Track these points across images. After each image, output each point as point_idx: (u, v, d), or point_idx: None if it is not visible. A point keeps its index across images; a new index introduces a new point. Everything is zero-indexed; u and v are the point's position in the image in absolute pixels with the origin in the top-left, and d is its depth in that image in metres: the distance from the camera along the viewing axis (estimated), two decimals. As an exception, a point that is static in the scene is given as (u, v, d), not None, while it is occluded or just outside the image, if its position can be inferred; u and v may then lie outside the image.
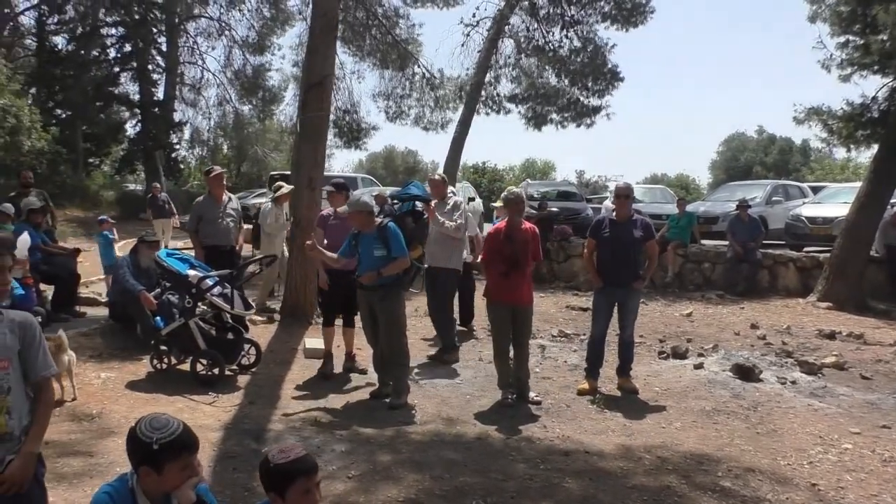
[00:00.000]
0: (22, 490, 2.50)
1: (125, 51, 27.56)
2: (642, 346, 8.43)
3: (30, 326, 2.59)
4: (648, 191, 19.75)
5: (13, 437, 2.51)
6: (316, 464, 2.46)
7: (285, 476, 2.37)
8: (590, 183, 49.00)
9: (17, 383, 2.54)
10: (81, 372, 6.35)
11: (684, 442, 5.26)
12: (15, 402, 2.52)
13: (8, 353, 2.51)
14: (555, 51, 17.36)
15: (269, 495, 2.43)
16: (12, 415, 2.50)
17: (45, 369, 2.63)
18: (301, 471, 2.38)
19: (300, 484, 2.36)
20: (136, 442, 2.33)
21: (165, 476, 2.33)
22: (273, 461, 2.40)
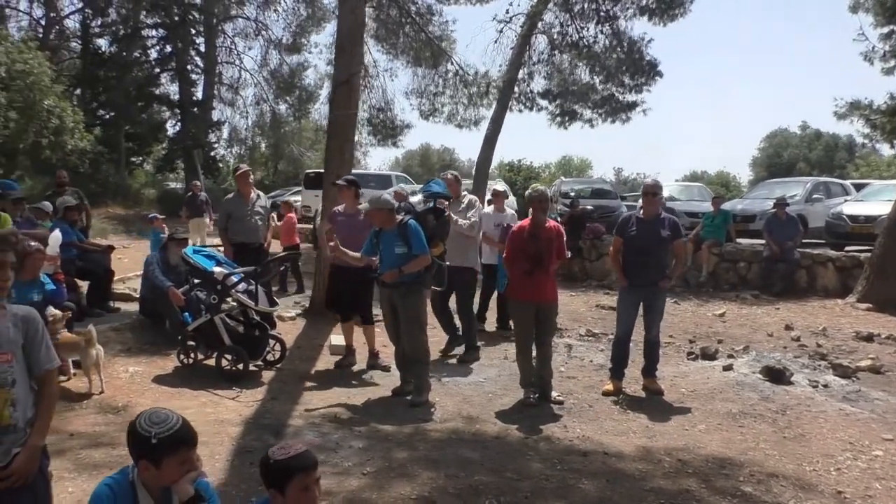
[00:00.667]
0: (27, 482, 2.55)
1: (165, 52, 28.19)
2: (671, 346, 8.30)
3: (33, 320, 2.63)
4: (685, 188, 19.42)
5: (17, 429, 2.55)
6: (315, 461, 2.46)
7: (284, 472, 2.39)
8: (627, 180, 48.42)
9: (21, 376, 2.57)
10: (110, 365, 6.50)
11: (707, 445, 5.15)
12: (19, 395, 2.56)
13: (11, 346, 2.54)
14: (589, 46, 17.17)
15: (269, 492, 2.45)
16: (17, 407, 2.54)
17: (48, 363, 2.67)
18: (299, 467, 2.40)
19: (299, 480, 2.38)
20: (136, 436, 2.36)
21: (164, 470, 2.36)
22: (272, 457, 2.42)
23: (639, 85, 18.09)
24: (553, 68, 17.81)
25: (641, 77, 17.90)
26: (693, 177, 51.39)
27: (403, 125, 22.53)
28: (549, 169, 50.53)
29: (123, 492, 2.40)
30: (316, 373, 6.94)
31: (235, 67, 30.18)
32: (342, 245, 6.91)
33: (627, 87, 18.09)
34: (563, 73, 17.84)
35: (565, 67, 17.77)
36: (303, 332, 8.44)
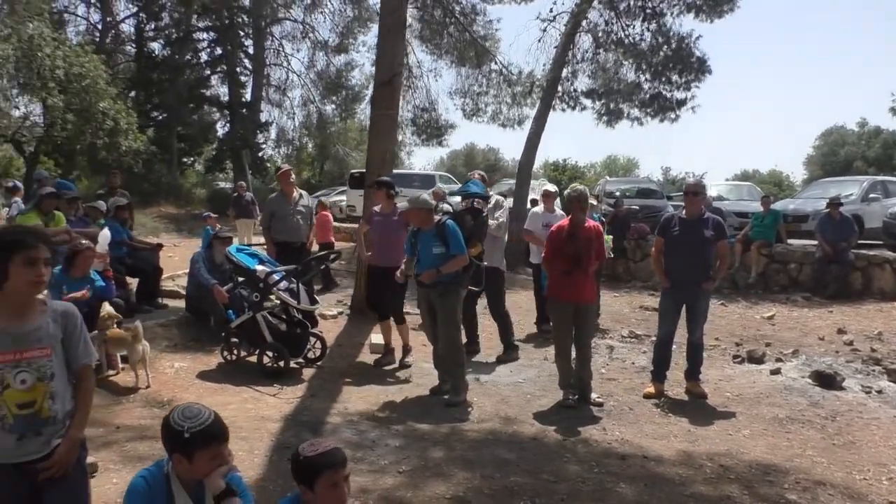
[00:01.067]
0: (66, 473, 2.61)
1: (215, 54, 28.79)
2: (716, 349, 8.12)
3: (71, 316, 2.69)
4: (734, 188, 18.97)
5: (56, 421, 2.61)
6: (344, 458, 2.48)
7: (313, 469, 2.42)
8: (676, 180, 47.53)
9: (60, 370, 2.63)
10: (157, 361, 6.66)
11: (751, 450, 5.01)
12: (58, 388, 2.61)
13: (51, 341, 2.60)
14: (635, 44, 16.89)
15: (300, 488, 2.48)
16: (55, 400, 2.60)
17: (86, 357, 2.73)
18: (328, 464, 2.42)
19: (327, 477, 2.40)
20: (169, 430, 2.41)
21: (196, 464, 2.41)
22: (302, 454, 2.46)
23: (687, 82, 17.69)
24: (597, 67, 17.57)
25: (690, 74, 17.51)
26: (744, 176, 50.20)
27: (447, 125, 22.59)
28: (594, 168, 49.98)
29: (158, 484, 2.45)
30: (355, 371, 6.99)
31: (283, 69, 30.64)
32: (378, 244, 7.00)
33: (675, 84, 17.73)
34: (608, 71, 17.58)
35: (610, 66, 17.52)
36: (344, 331, 8.52)
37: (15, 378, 2.53)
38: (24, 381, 2.54)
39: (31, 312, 2.60)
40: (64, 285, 6.10)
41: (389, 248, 6.93)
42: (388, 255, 6.88)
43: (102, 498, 3.83)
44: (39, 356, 2.57)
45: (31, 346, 2.56)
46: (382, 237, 7.05)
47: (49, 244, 2.61)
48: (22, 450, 2.55)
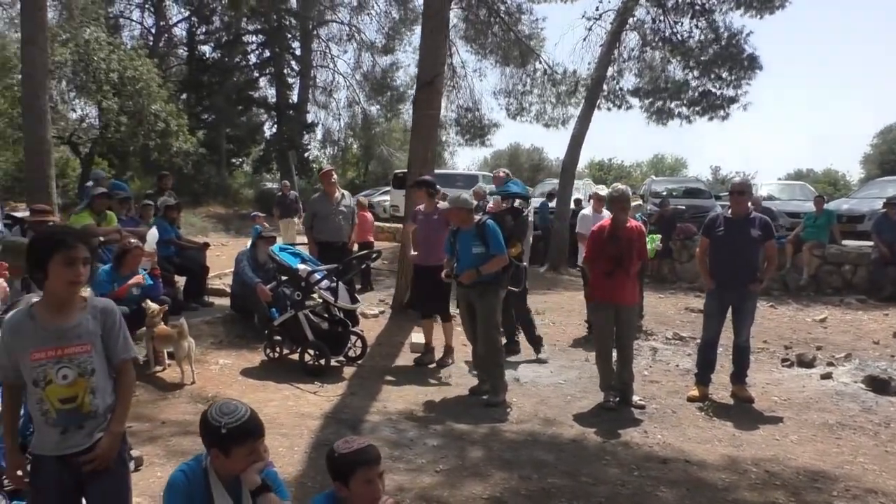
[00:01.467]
0: (108, 467, 2.67)
1: (264, 57, 29.31)
2: (764, 352, 7.93)
3: (111, 312, 2.74)
4: (786, 187, 18.47)
5: (98, 415, 2.67)
6: (378, 455, 2.50)
7: (347, 465, 2.44)
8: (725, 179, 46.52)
9: (101, 365, 2.69)
10: (202, 357, 6.80)
11: (799, 457, 4.87)
12: (98, 383, 2.67)
13: (91, 337, 2.66)
14: (683, 41, 16.61)
15: (335, 484, 2.50)
16: (96, 395, 2.66)
17: (125, 353, 2.77)
18: (362, 461, 2.45)
19: (361, 474, 2.43)
20: (207, 425, 2.46)
21: (232, 459, 2.45)
22: (337, 451, 2.49)
23: (737, 79, 17.33)
24: (644, 65, 17.33)
25: (740, 71, 17.14)
26: (797, 175, 48.84)
27: (491, 124, 22.57)
28: (640, 168, 49.28)
29: (196, 478, 2.50)
30: (395, 370, 7.02)
31: (329, 71, 31.08)
32: (422, 244, 7.03)
33: (725, 81, 17.37)
34: (655, 69, 17.32)
35: (657, 64, 17.25)
36: (385, 330, 8.57)
37: (57, 374, 2.60)
38: (65, 377, 2.60)
39: (71, 310, 2.65)
40: (114, 283, 6.28)
41: (432, 246, 6.95)
42: (432, 254, 6.91)
43: (147, 491, 3.93)
44: (80, 352, 2.63)
45: (72, 342, 2.62)
46: (425, 236, 7.09)
47: (89, 244, 2.66)
48: (65, 443, 2.62)
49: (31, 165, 9.89)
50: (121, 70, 18.01)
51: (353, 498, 2.46)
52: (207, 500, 2.47)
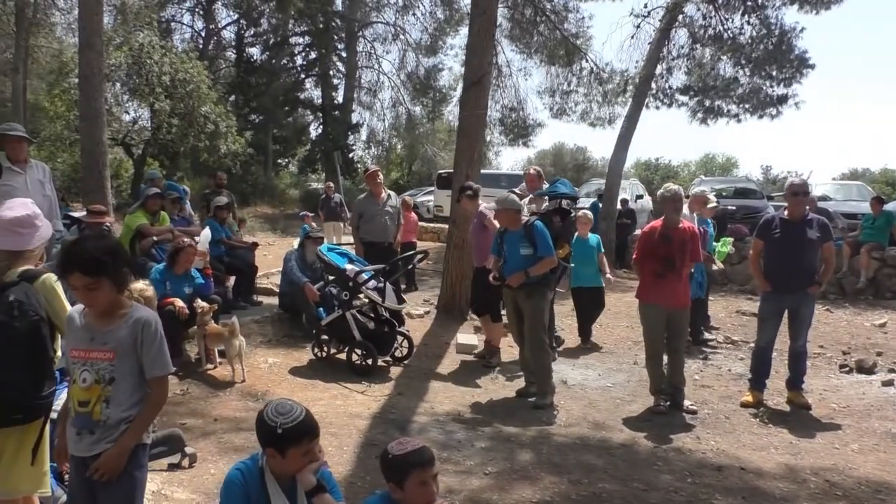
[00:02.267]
0: (111, 479, 2.62)
1: (310, 58, 29.67)
2: (821, 357, 7.69)
3: (147, 324, 2.66)
4: (842, 188, 17.93)
5: (107, 425, 2.61)
6: (432, 457, 2.48)
7: (401, 467, 2.43)
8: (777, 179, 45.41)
9: (125, 376, 2.63)
10: (252, 356, 6.89)
11: (860, 466, 4.70)
12: (116, 394, 2.62)
13: (118, 345, 2.61)
14: (734, 38, 16.24)
15: (389, 486, 2.49)
16: (110, 404, 2.61)
17: (158, 369, 2.68)
18: (416, 463, 2.42)
19: (416, 475, 2.41)
20: (263, 425, 2.47)
21: (288, 459, 2.45)
22: (391, 452, 2.47)
23: (788, 77, 16.89)
24: (694, 63, 16.99)
25: (791, 69, 16.71)
26: (852, 175, 47.32)
27: (535, 124, 22.41)
28: (688, 167, 48.41)
29: (253, 477, 2.51)
30: (441, 370, 7.01)
31: (374, 71, 31.30)
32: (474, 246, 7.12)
33: (776, 79, 16.95)
34: (705, 67, 16.97)
35: (707, 61, 16.91)
36: (430, 330, 8.56)
37: (80, 375, 2.62)
38: (84, 380, 2.62)
39: (112, 316, 2.65)
40: (167, 281, 6.41)
41: (476, 248, 7.06)
42: (477, 255, 7.06)
43: (201, 487, 3.98)
44: (101, 358, 2.62)
45: (97, 346, 2.62)
46: (472, 238, 7.22)
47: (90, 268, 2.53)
48: (79, 445, 2.64)
49: (87, 166, 10.14)
50: (172, 73, 18.42)
51: (408, 500, 2.44)
52: (264, 500, 2.48)
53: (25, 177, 5.59)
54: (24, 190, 5.40)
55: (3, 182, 5.45)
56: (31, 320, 2.88)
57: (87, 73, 9.65)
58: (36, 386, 2.90)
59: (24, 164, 5.63)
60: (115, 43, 18.17)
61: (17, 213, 3.17)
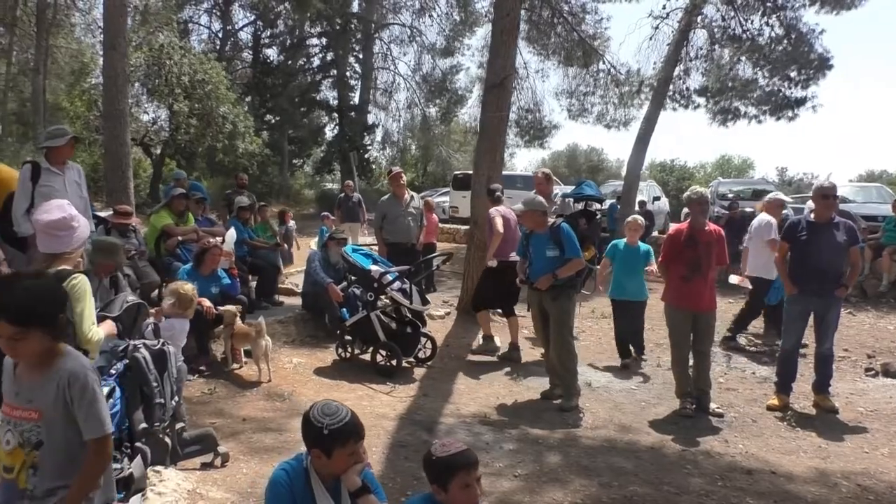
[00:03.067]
0: None
1: (326, 59, 29.78)
2: (846, 360, 7.64)
3: (75, 377, 2.27)
4: (862, 189, 17.74)
5: (34, 496, 2.29)
6: (476, 459, 2.49)
7: (446, 469, 2.44)
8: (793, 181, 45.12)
9: (55, 439, 2.29)
10: (276, 356, 6.93)
11: (891, 471, 4.68)
12: (45, 459, 2.28)
13: (43, 403, 2.27)
14: (753, 39, 16.17)
15: (432, 487, 2.50)
16: (38, 471, 2.28)
17: (92, 431, 2.28)
18: (460, 465, 2.44)
19: (460, 478, 2.42)
20: (309, 426, 2.49)
21: (334, 460, 2.47)
22: (435, 454, 2.48)
23: (807, 79, 16.80)
24: (712, 64, 16.94)
25: (810, 70, 16.61)
26: (869, 176, 46.93)
27: (551, 126, 22.43)
28: (704, 169, 48.16)
29: (297, 476, 2.54)
30: (465, 371, 7.01)
31: (390, 72, 31.40)
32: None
33: (794, 81, 16.85)
34: (723, 68, 16.91)
35: (725, 63, 16.84)
36: (451, 331, 8.58)
37: (3, 436, 2.30)
38: (8, 442, 2.29)
39: (46, 366, 2.29)
40: (194, 282, 6.45)
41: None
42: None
43: (235, 487, 4.01)
44: (25, 418, 2.28)
45: (22, 404, 2.29)
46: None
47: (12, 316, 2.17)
48: None
49: (110, 166, 10.23)
50: (191, 73, 18.54)
51: (451, 502, 2.46)
52: (309, 500, 2.50)
53: (63, 178, 5.65)
54: (62, 191, 5.46)
55: (43, 183, 5.51)
56: None
57: (110, 74, 9.75)
58: None
59: (63, 165, 5.69)
60: (134, 44, 18.32)
61: (53, 216, 3.21)
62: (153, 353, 4.03)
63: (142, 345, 4.01)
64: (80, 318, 3.00)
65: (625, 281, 7.43)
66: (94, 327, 3.15)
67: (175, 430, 4.16)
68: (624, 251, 7.39)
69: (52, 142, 5.66)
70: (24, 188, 5.47)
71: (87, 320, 3.02)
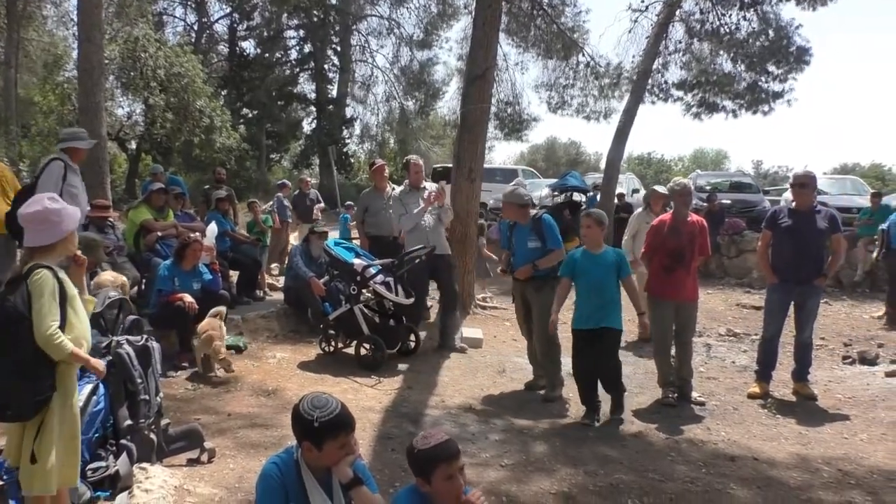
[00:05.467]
0: None
1: (304, 52, 29.55)
2: (823, 349, 7.77)
3: None
4: (836, 182, 18.07)
5: None
6: (458, 450, 2.51)
7: (428, 461, 2.46)
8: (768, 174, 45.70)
9: None
10: (259, 351, 6.89)
11: (871, 456, 4.76)
12: None
13: None
14: (731, 34, 16.32)
15: (416, 480, 2.52)
16: None
17: None
18: (442, 457, 2.46)
19: (442, 469, 2.44)
20: (300, 419, 2.48)
21: (325, 452, 2.47)
22: (416, 447, 2.50)
23: (785, 73, 16.98)
24: (691, 57, 17.06)
25: (788, 65, 16.80)
26: (843, 170, 47.65)
27: (530, 119, 22.45)
28: (681, 162, 48.63)
29: (288, 469, 2.53)
30: (449, 364, 7.02)
31: (368, 65, 31.24)
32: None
33: (772, 75, 17.03)
34: (703, 62, 17.04)
35: (705, 56, 16.97)
36: (435, 323, 8.56)
37: None
38: None
39: None
40: (175, 277, 6.39)
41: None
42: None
43: (222, 482, 3.98)
44: None
45: None
46: None
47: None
48: None
49: (86, 161, 10.01)
50: (167, 67, 18.27)
51: (436, 493, 2.48)
52: (301, 493, 2.49)
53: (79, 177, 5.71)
54: (82, 192, 5.57)
55: (69, 183, 5.50)
56: (7, 315, 2.89)
57: (86, 66, 9.58)
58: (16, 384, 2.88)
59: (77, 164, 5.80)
60: (108, 36, 18.00)
61: (31, 209, 3.13)
62: (137, 349, 4.00)
63: (125, 341, 3.98)
64: (37, 316, 2.91)
65: (589, 303, 5.39)
66: (53, 327, 2.91)
67: (160, 427, 4.12)
68: (583, 262, 5.43)
69: (78, 143, 5.89)
70: (56, 186, 5.47)
71: (44, 318, 2.90)
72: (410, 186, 7.73)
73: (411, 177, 7.74)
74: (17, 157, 18.06)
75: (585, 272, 5.40)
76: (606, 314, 5.33)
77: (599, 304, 5.33)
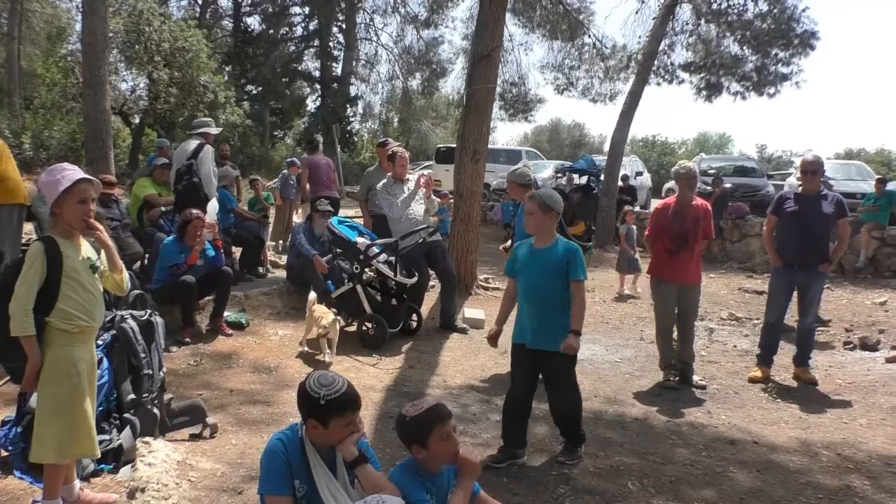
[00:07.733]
0: None
1: (309, 29, 29.29)
2: (825, 334, 7.78)
3: None
4: (841, 167, 17.94)
5: None
6: (449, 411, 2.59)
7: (423, 426, 2.52)
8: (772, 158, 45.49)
9: None
10: (261, 328, 6.90)
11: (870, 440, 4.78)
12: None
13: None
14: (739, 14, 16.15)
15: (412, 449, 2.58)
16: None
17: None
18: (436, 419, 2.53)
19: (438, 430, 2.51)
20: (306, 396, 2.48)
21: (330, 430, 2.48)
22: (408, 415, 2.57)
23: (792, 55, 16.81)
24: (697, 39, 16.90)
25: (794, 47, 16.63)
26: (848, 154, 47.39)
27: (536, 100, 22.31)
28: (685, 145, 48.39)
29: (293, 446, 2.54)
30: (450, 344, 7.03)
31: (372, 44, 31.01)
32: None
33: (777, 58, 16.87)
34: (709, 44, 16.88)
35: (711, 38, 16.81)
36: (437, 304, 8.57)
37: None
38: None
39: None
40: (182, 253, 6.38)
41: None
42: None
43: (224, 458, 4.01)
44: None
45: None
46: None
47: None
48: None
49: (90, 135, 10.07)
50: (171, 41, 18.14)
51: (433, 456, 2.55)
52: (305, 469, 2.51)
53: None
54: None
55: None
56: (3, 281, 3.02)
57: (90, 39, 9.54)
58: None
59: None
60: (112, 9, 17.85)
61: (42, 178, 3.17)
62: (140, 323, 4.00)
63: (129, 315, 3.98)
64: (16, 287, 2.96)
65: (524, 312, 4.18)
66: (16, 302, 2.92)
67: (163, 401, 4.14)
68: (524, 257, 4.19)
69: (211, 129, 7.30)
70: (213, 164, 7.19)
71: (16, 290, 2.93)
72: (395, 179, 7.60)
73: (396, 169, 7.60)
74: (21, 129, 18.00)
75: (524, 270, 4.14)
76: (548, 331, 4.02)
77: (537, 313, 4.05)
